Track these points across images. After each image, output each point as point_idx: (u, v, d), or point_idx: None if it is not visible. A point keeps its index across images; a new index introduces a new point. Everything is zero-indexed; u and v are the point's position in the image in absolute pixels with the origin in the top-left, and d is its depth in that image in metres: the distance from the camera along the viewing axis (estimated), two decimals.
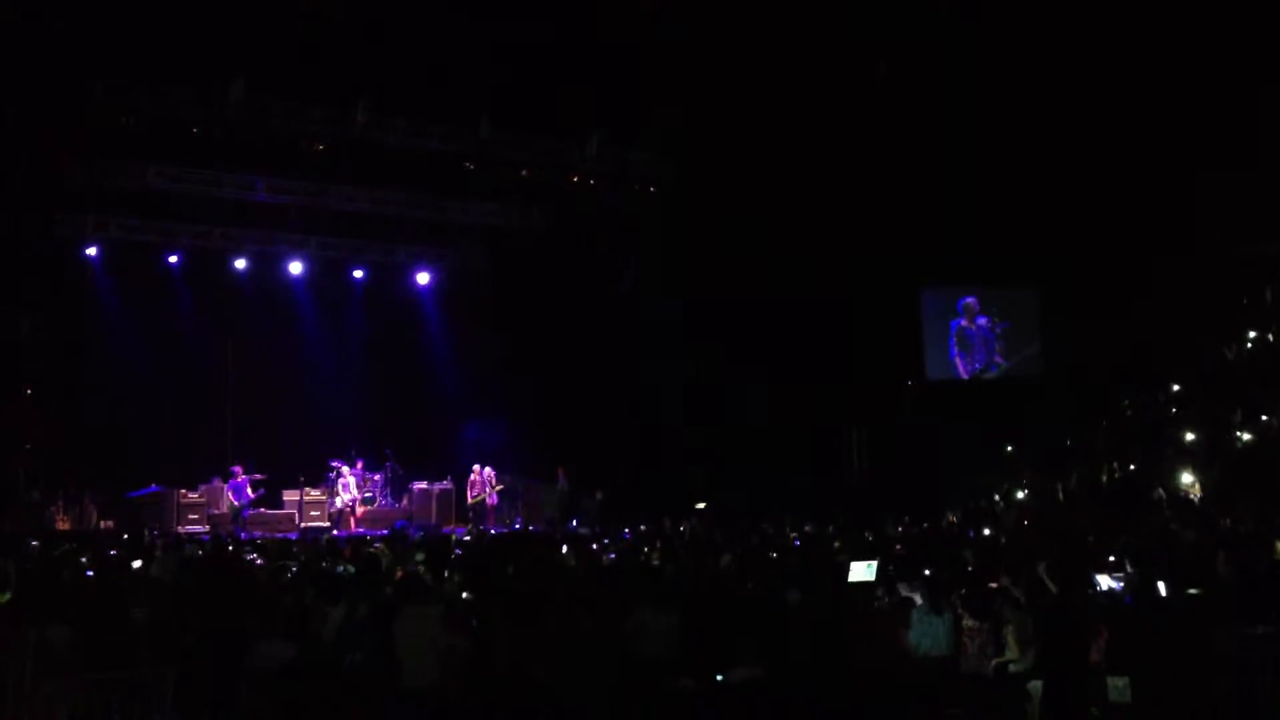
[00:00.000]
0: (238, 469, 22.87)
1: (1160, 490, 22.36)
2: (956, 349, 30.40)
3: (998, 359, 30.43)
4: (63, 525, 21.60)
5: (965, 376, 30.45)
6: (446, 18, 21.49)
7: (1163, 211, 24.63)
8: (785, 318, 26.32)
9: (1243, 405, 23.43)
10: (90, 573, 12.65)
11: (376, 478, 24.79)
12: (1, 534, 18.61)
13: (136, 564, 13.84)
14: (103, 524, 22.29)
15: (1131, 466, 24.70)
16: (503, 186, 25.91)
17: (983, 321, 30.40)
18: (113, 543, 17.96)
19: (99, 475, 23.01)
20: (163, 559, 14.76)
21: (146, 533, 19.64)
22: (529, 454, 26.01)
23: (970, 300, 30.48)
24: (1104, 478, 24.91)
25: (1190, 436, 23.54)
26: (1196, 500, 21.49)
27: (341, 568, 13.04)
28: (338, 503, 23.56)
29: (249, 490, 22.82)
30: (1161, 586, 10.02)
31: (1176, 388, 26.21)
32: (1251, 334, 25.47)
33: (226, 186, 24.44)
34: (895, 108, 25.47)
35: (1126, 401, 26.97)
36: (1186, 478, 22.64)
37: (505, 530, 22.56)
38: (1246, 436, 22.85)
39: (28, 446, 22.25)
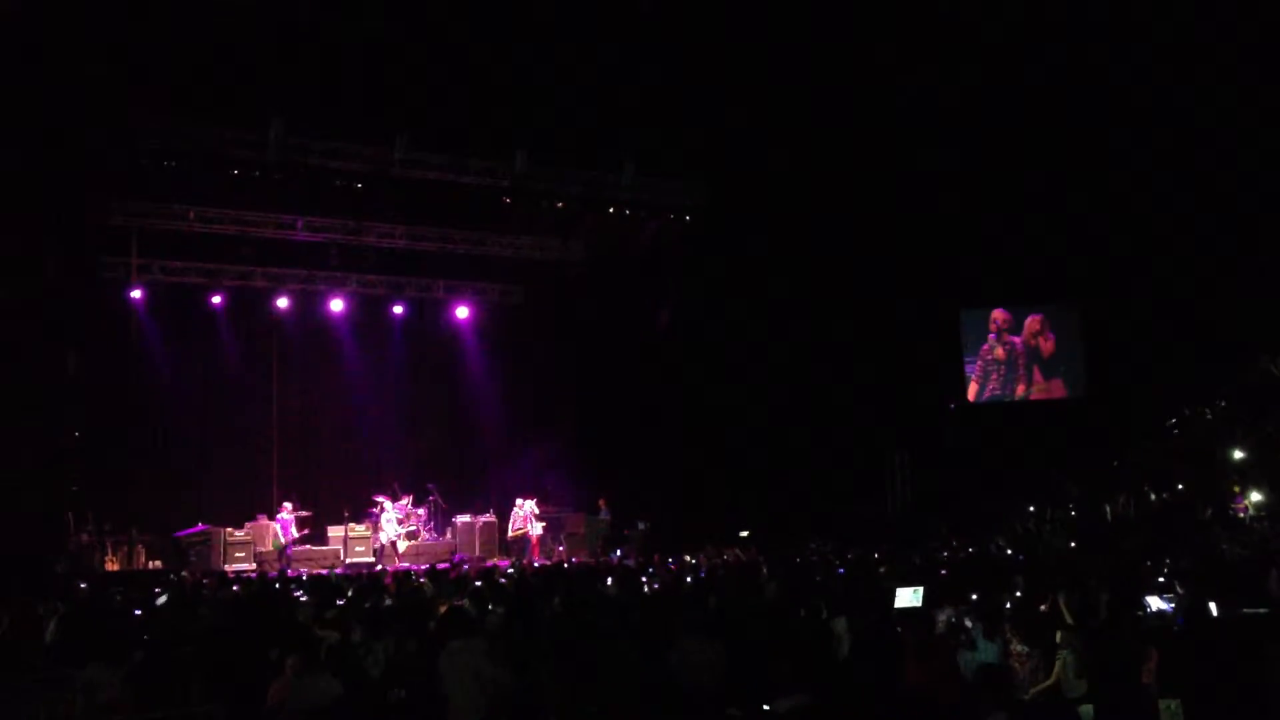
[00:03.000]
0: (286, 505, 23.01)
1: (1209, 510, 22.10)
2: (978, 374, 30.13)
3: (1020, 388, 30.11)
4: (111, 566, 21.77)
5: (985, 400, 30.17)
6: (481, 53, 21.65)
7: (1203, 225, 24.39)
8: (826, 342, 26.28)
9: None
10: (138, 613, 12.74)
11: (420, 512, 24.82)
12: (51, 576, 18.75)
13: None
14: (151, 564, 22.43)
15: (1180, 486, 24.42)
16: (539, 219, 26.01)
17: (1014, 342, 30.13)
18: (160, 583, 18.06)
19: (147, 515, 23.17)
20: (210, 598, 14.86)
21: (188, 573, 19.75)
22: (571, 486, 26.02)
23: (1001, 317, 30.26)
24: (1152, 498, 24.64)
25: (1238, 455, 23.26)
26: (1246, 519, 21.22)
27: (387, 603, 13.07)
28: (382, 538, 23.60)
29: (294, 528, 22.94)
30: (1213, 607, 9.90)
31: (1223, 404, 25.90)
32: None
33: (267, 226, 24.66)
34: (932, 126, 25.46)
35: (1173, 420, 26.67)
36: (1236, 496, 22.36)
37: (548, 563, 22.53)
38: None
39: (75, 489, 22.44)
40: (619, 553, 24.11)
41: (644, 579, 16.26)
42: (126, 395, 24.13)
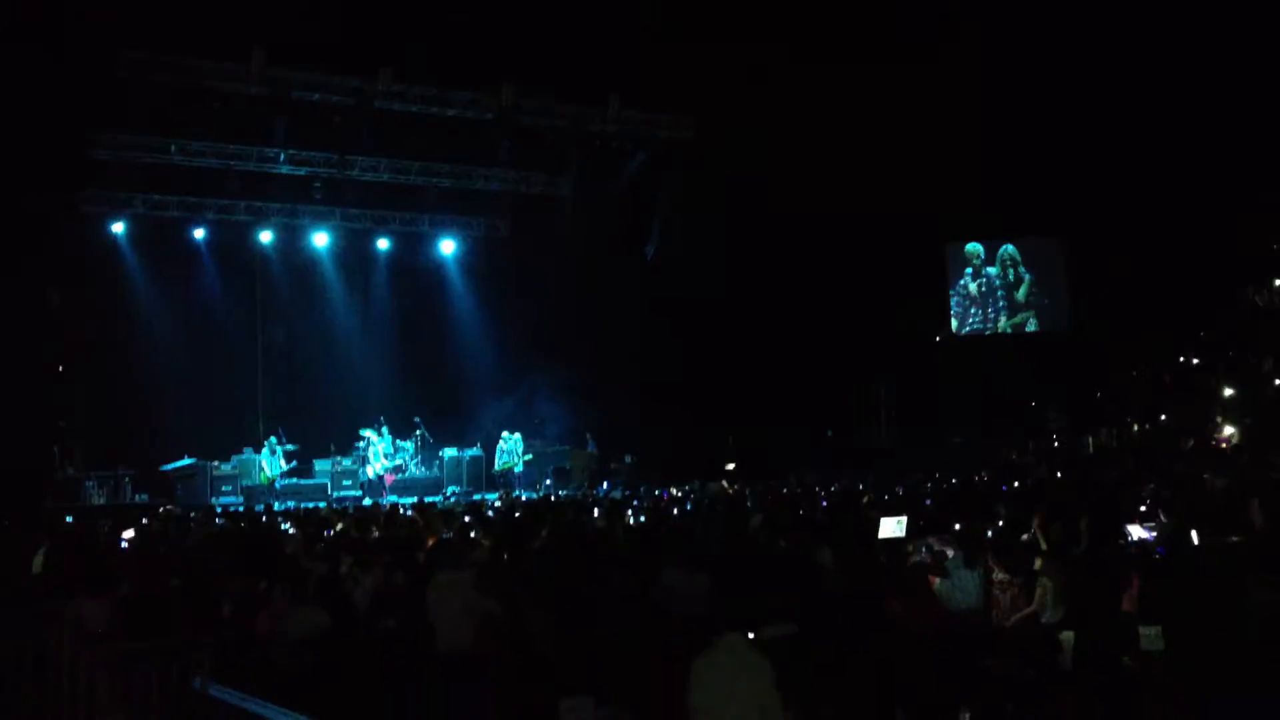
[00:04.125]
0: (271, 439, 23.07)
1: (1191, 440, 22.26)
2: (958, 308, 30.37)
3: (1002, 318, 30.33)
4: (98, 500, 21.81)
5: (964, 332, 30.41)
6: None
7: (1188, 158, 24.32)
8: (811, 276, 26.25)
9: (1274, 353, 23.28)
10: (125, 545, 12.79)
11: (406, 446, 24.87)
12: (39, 510, 18.80)
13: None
14: (137, 498, 22.49)
15: (1162, 417, 24.58)
16: (525, 152, 25.82)
17: (989, 275, 30.34)
18: (147, 516, 18.12)
19: (132, 449, 23.20)
20: (197, 530, 14.94)
21: (177, 505, 19.86)
22: (558, 419, 26.07)
23: (975, 252, 30.46)
24: (1135, 429, 24.81)
25: (1223, 388, 23.40)
26: (1228, 448, 21.38)
27: (375, 535, 13.14)
28: (369, 471, 23.68)
29: (282, 460, 23.00)
30: (1194, 535, 9.98)
31: (1206, 336, 26.02)
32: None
33: (249, 160, 24.48)
34: (913, 61, 25.28)
35: (1156, 352, 26.78)
36: (1218, 427, 22.53)
37: (535, 495, 22.64)
38: (1277, 383, 22.73)
39: (61, 424, 22.44)
40: (606, 485, 24.23)
41: (630, 511, 16.36)
42: (110, 329, 24.06)
